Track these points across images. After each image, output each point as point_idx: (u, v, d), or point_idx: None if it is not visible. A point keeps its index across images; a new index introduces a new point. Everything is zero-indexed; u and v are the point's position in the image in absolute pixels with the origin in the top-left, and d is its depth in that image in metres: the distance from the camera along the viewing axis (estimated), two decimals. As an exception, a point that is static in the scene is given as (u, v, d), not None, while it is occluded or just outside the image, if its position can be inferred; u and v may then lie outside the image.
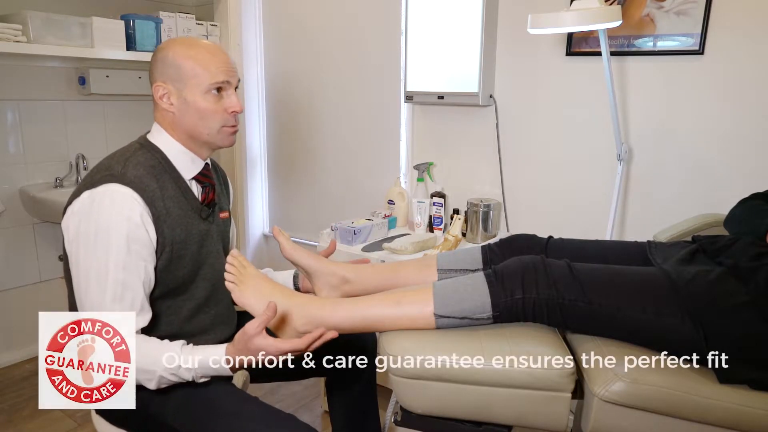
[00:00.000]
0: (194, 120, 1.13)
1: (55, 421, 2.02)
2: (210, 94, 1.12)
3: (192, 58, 1.10)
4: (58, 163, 2.45)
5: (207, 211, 1.21)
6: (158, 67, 1.12)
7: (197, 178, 1.19)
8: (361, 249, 1.91)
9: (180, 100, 1.12)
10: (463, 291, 1.03)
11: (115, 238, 1.02)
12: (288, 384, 2.23)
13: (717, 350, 0.91)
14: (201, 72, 1.10)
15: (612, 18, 1.43)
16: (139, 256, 1.05)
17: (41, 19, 2.04)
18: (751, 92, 1.60)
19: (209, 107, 1.13)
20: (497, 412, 1.00)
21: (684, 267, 1.02)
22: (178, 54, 1.11)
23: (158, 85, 1.12)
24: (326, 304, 1.09)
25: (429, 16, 2.01)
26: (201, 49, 1.12)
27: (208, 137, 1.16)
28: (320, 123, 2.56)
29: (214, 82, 1.11)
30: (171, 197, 1.12)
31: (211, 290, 1.23)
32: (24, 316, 2.41)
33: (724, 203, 1.37)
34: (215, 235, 1.25)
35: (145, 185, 1.07)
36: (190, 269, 1.17)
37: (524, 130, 2.02)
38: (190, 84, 1.11)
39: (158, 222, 1.08)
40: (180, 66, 1.10)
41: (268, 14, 2.63)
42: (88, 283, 1.03)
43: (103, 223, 1.02)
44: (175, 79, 1.11)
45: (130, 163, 1.09)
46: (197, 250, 1.17)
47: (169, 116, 1.14)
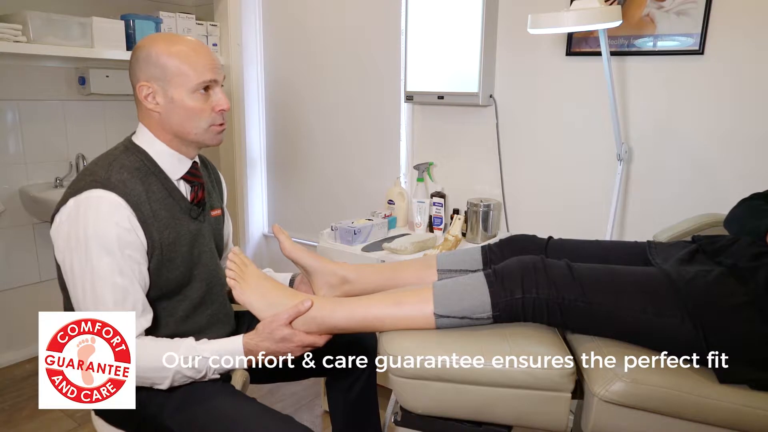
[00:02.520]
0: (181, 119, 1.10)
1: (55, 421, 2.02)
2: (197, 93, 1.09)
3: (176, 56, 1.07)
4: (58, 163, 2.45)
5: (197, 210, 1.19)
6: (141, 66, 1.09)
7: (185, 178, 1.17)
8: (361, 249, 1.91)
9: (166, 100, 1.09)
10: (463, 291, 1.03)
11: (106, 244, 1.00)
12: (288, 384, 2.23)
13: (717, 350, 0.91)
14: (187, 70, 1.07)
15: (612, 18, 1.43)
16: (133, 260, 1.04)
17: (41, 19, 2.04)
18: (751, 92, 1.60)
19: (197, 106, 1.10)
20: (497, 412, 1.00)
21: (684, 267, 1.02)
22: (162, 52, 1.07)
23: (142, 85, 1.09)
24: (326, 304, 1.09)
25: (429, 16, 2.01)
26: (184, 47, 1.09)
27: (196, 136, 1.13)
28: (320, 123, 2.56)
29: (201, 81, 1.09)
30: (158, 200, 1.09)
31: (206, 290, 1.22)
32: (24, 316, 2.41)
33: (724, 203, 1.37)
34: (207, 234, 1.23)
35: (129, 189, 1.04)
36: (183, 270, 1.15)
37: (524, 130, 2.02)
38: (175, 83, 1.08)
39: (145, 225, 1.06)
40: (164, 65, 1.07)
41: (268, 14, 2.63)
42: (84, 290, 1.02)
43: (92, 230, 1.00)
44: (160, 78, 1.08)
45: (114, 167, 1.06)
46: (188, 251, 1.16)
47: (155, 116, 1.11)
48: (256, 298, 1.11)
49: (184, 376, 1.06)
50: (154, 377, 1.05)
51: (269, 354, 1.07)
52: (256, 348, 1.07)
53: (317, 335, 1.07)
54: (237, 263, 1.15)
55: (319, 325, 1.08)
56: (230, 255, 1.15)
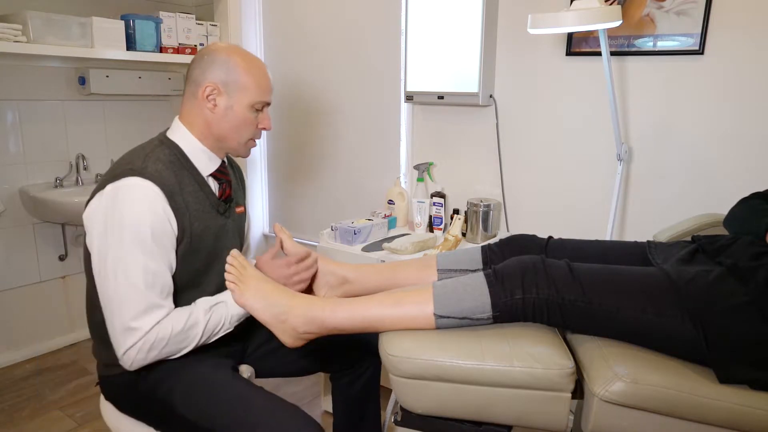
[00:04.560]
0: (230, 126, 1.19)
1: (55, 421, 2.02)
2: (253, 108, 1.20)
3: (250, 74, 1.18)
4: (58, 163, 2.45)
5: (224, 206, 1.25)
6: (214, 68, 1.16)
7: (214, 175, 1.23)
8: (361, 249, 1.91)
9: (226, 105, 1.17)
10: (462, 291, 1.03)
11: (141, 229, 1.06)
12: (288, 384, 2.23)
13: (717, 350, 0.91)
14: (254, 87, 1.18)
15: (612, 18, 1.43)
16: (164, 246, 1.10)
17: (41, 19, 2.04)
18: (751, 92, 1.60)
19: (249, 118, 1.20)
20: (497, 412, 1.00)
21: (684, 267, 1.02)
22: (239, 64, 1.17)
23: (209, 85, 1.16)
24: (326, 305, 1.09)
25: (429, 17, 2.01)
26: (258, 69, 1.20)
27: (236, 145, 1.22)
28: (320, 123, 2.56)
29: (261, 101, 1.20)
30: (190, 192, 1.16)
31: (221, 285, 1.24)
32: (24, 316, 2.42)
33: (724, 203, 1.37)
34: (231, 230, 1.29)
35: (164, 179, 1.10)
36: (204, 263, 1.20)
37: (524, 130, 2.02)
38: (239, 94, 1.17)
39: (178, 214, 1.12)
40: (239, 76, 1.17)
41: (268, 14, 2.63)
42: (116, 273, 1.06)
43: (128, 215, 1.06)
44: (227, 84, 1.16)
45: (150, 158, 1.12)
46: (212, 244, 1.21)
47: (207, 115, 1.18)
48: (256, 299, 1.11)
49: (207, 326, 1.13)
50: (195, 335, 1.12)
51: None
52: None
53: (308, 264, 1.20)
54: (236, 266, 1.15)
55: (320, 325, 1.08)
56: (228, 258, 1.16)
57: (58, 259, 2.50)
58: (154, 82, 2.64)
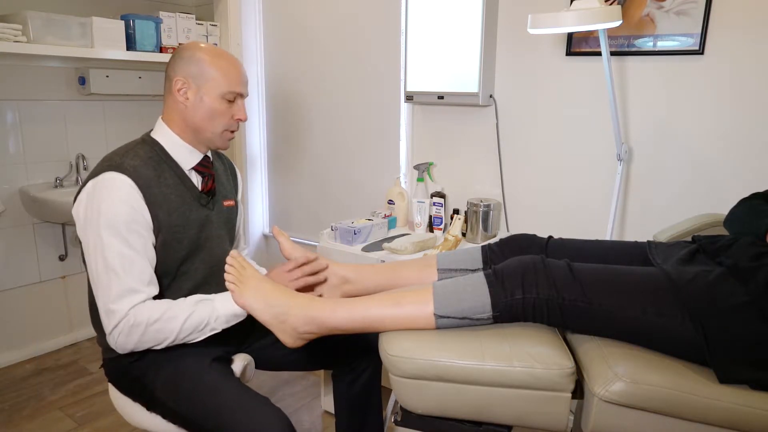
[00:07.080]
0: (203, 117, 1.24)
1: (55, 421, 2.02)
2: (224, 99, 1.24)
3: (216, 66, 1.22)
4: (58, 163, 2.45)
5: (206, 198, 1.30)
6: (183, 63, 1.22)
7: (196, 169, 1.29)
8: (361, 249, 1.91)
9: (196, 97, 1.23)
10: (462, 291, 1.03)
11: (115, 218, 1.12)
12: (288, 384, 2.23)
13: (717, 350, 0.91)
14: (221, 78, 1.22)
15: (612, 18, 1.43)
16: (139, 234, 1.15)
17: (41, 19, 2.04)
18: (751, 92, 1.60)
19: (220, 109, 1.24)
20: (497, 412, 1.00)
21: (684, 267, 1.02)
22: (206, 59, 1.22)
23: (178, 79, 1.22)
24: (326, 305, 1.09)
25: (429, 16, 2.01)
26: (226, 62, 1.24)
27: (211, 135, 1.27)
28: (320, 123, 2.56)
29: (231, 90, 1.24)
30: (169, 185, 1.22)
31: (209, 273, 1.31)
32: (24, 316, 2.42)
33: (724, 203, 1.37)
34: (216, 221, 1.33)
35: (140, 173, 1.17)
36: (187, 251, 1.25)
37: (524, 130, 2.02)
38: (208, 85, 1.22)
39: (152, 206, 1.17)
40: (205, 68, 1.22)
41: (268, 14, 2.63)
42: (97, 259, 1.13)
43: (104, 206, 1.13)
44: (196, 77, 1.22)
45: (129, 155, 1.20)
46: (196, 234, 1.27)
47: (180, 108, 1.24)
48: (255, 300, 1.12)
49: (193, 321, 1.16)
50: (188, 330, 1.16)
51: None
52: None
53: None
54: (235, 266, 1.16)
55: (319, 325, 1.08)
56: (228, 258, 1.18)
57: (58, 259, 2.50)
58: (154, 82, 2.64)
